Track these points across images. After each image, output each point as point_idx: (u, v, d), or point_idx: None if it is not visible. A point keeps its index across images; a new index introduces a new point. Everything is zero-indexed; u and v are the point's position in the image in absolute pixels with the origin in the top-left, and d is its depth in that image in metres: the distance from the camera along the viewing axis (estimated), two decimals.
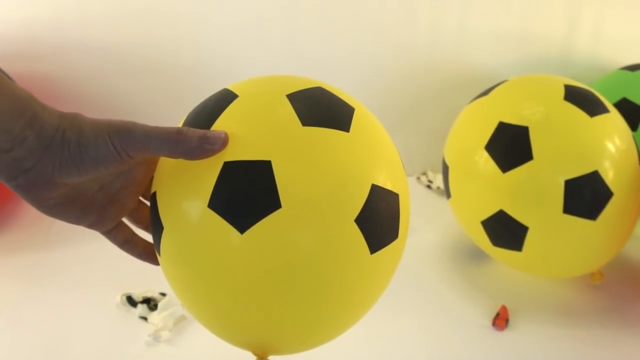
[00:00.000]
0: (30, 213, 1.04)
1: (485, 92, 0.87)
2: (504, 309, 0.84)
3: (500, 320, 0.82)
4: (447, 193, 0.89)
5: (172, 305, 0.82)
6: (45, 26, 1.10)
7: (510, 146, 0.78)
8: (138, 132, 0.41)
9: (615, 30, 1.14)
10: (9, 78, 0.42)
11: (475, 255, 0.89)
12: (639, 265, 0.95)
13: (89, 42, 1.12)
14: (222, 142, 0.42)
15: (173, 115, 1.13)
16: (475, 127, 0.84)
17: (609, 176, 0.75)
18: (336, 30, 1.13)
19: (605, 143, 0.77)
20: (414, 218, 1.05)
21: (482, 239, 0.84)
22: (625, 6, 1.13)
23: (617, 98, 0.94)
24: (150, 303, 0.83)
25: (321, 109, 0.46)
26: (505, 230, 0.80)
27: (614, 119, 0.80)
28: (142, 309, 0.82)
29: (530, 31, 1.15)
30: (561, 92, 0.80)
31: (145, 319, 0.82)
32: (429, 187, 1.17)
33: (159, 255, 0.48)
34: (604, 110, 0.79)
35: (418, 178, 1.20)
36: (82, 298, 0.86)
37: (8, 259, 0.95)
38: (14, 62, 1.08)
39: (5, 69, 1.03)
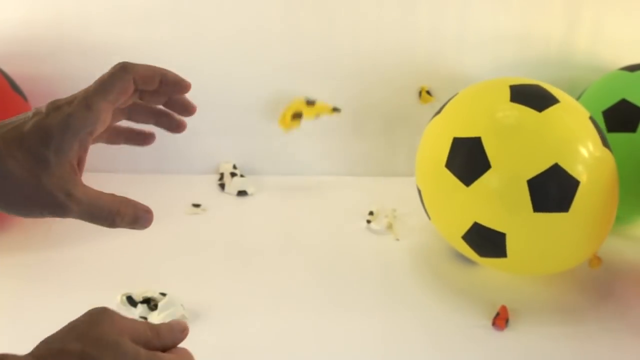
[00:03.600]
0: None
1: (439, 111, 0.88)
2: (504, 309, 0.84)
3: (500, 320, 0.82)
4: (427, 215, 0.89)
5: (172, 305, 0.82)
6: (45, 26, 1.10)
7: (467, 159, 0.79)
8: (72, 214, 0.42)
9: (615, 31, 1.14)
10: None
11: None
12: (635, 263, 0.95)
13: (89, 42, 1.12)
14: (149, 224, 0.45)
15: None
16: (434, 147, 0.85)
17: (572, 165, 0.75)
18: (336, 30, 1.13)
19: (560, 134, 0.77)
20: (414, 218, 1.06)
21: (469, 252, 0.84)
22: (624, 7, 1.13)
23: (617, 99, 0.94)
24: (150, 303, 0.83)
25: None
26: (485, 241, 0.80)
27: (565, 108, 0.79)
28: (142, 309, 0.82)
29: (529, 32, 1.15)
30: (507, 94, 0.80)
31: (145, 319, 0.82)
32: None
33: None
34: (553, 101, 0.79)
35: None
36: (82, 298, 0.85)
37: (8, 259, 0.94)
38: (14, 62, 1.08)
39: (5, 69, 1.03)
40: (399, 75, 1.17)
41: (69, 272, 0.91)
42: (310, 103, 1.12)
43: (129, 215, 0.43)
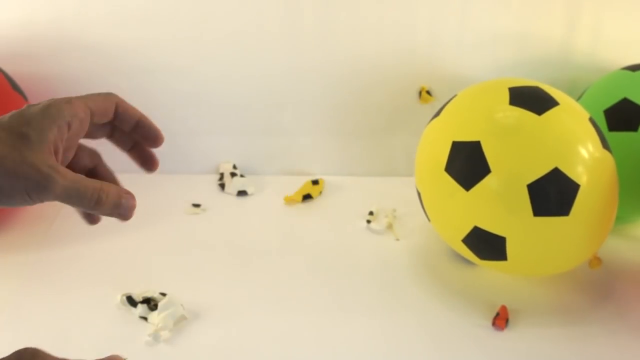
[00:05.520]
0: (30, 213, 1.04)
1: (438, 113, 0.88)
2: (503, 309, 0.84)
3: (500, 320, 0.82)
4: (427, 217, 0.89)
5: (172, 305, 0.82)
6: (45, 26, 1.10)
7: (467, 164, 0.78)
8: (58, 190, 0.42)
9: (616, 31, 1.14)
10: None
11: None
12: (635, 263, 0.95)
13: (89, 42, 1.12)
14: (132, 211, 0.46)
15: (173, 115, 1.13)
16: (433, 150, 0.84)
17: (572, 169, 0.74)
18: (336, 30, 1.13)
19: (560, 137, 0.77)
20: (414, 218, 1.06)
21: (469, 255, 0.84)
22: (624, 6, 1.13)
23: (618, 98, 0.94)
24: (150, 303, 0.83)
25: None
26: (486, 245, 0.80)
27: (565, 110, 0.79)
28: (142, 309, 0.82)
29: (530, 32, 1.15)
30: (506, 97, 0.79)
31: (145, 319, 0.82)
32: None
33: None
34: (553, 104, 0.78)
35: None
36: (82, 298, 0.86)
37: (8, 258, 0.95)
38: (14, 62, 1.08)
39: (6, 69, 1.03)
40: (399, 75, 1.17)
41: (69, 272, 0.91)
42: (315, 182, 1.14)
43: (112, 194, 0.44)
